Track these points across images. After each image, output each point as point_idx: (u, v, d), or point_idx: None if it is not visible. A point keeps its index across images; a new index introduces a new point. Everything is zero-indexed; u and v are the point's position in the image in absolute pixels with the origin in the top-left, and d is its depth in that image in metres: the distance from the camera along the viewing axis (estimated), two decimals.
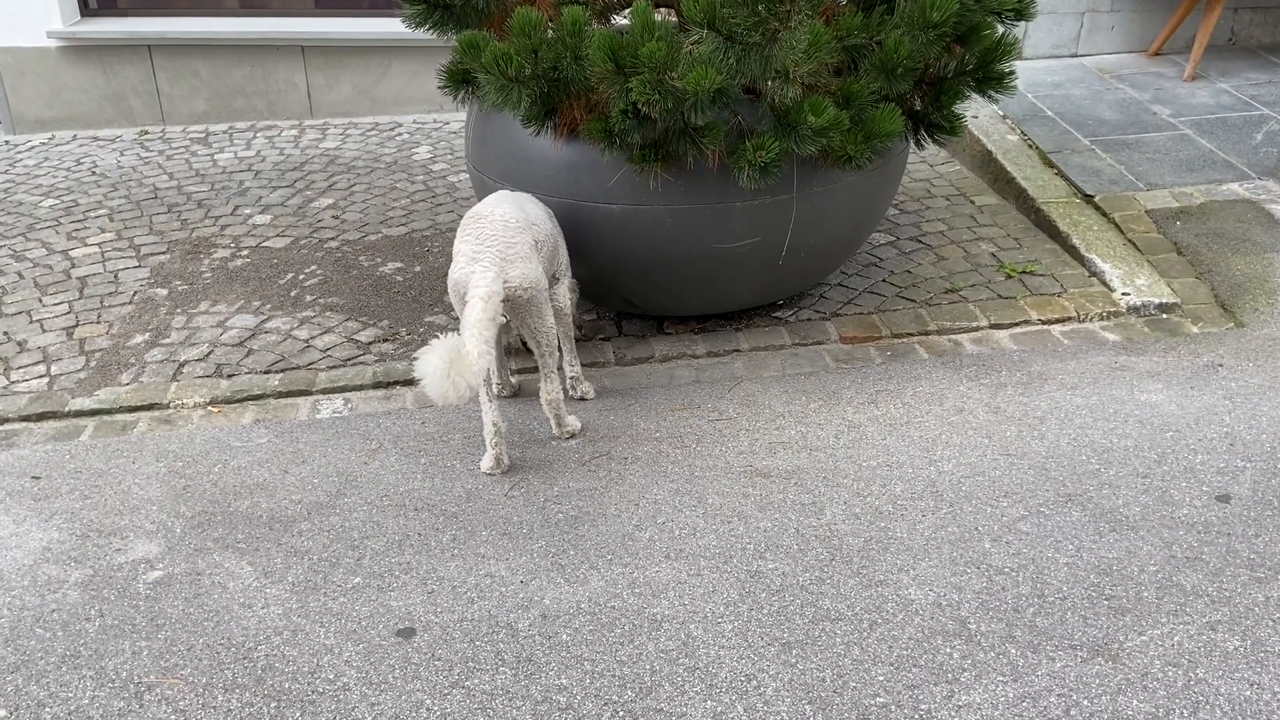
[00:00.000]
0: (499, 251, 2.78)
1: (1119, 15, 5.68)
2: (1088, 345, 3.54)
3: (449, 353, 2.53)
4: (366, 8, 6.04)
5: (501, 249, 2.79)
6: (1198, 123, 4.86)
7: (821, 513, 2.74)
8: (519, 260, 2.80)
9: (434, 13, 3.32)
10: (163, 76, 5.86)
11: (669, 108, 2.93)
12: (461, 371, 2.53)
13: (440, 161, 5.32)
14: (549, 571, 2.57)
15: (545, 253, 3.04)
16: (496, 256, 2.77)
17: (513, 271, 2.78)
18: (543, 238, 3.01)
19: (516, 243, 2.81)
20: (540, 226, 3.01)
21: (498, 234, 2.81)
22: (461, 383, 2.52)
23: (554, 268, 3.17)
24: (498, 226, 2.82)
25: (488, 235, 2.80)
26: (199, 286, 4.11)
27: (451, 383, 2.51)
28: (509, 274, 2.77)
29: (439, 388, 2.52)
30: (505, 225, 2.83)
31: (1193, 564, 2.49)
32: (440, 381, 2.51)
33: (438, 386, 2.52)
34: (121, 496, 2.92)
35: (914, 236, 4.30)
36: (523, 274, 2.80)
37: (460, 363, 2.53)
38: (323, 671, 2.29)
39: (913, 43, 3.07)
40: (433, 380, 2.52)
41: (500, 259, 2.77)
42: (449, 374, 2.51)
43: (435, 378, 2.51)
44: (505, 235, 2.81)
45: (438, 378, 2.51)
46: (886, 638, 2.32)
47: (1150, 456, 2.89)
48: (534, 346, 2.96)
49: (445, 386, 2.51)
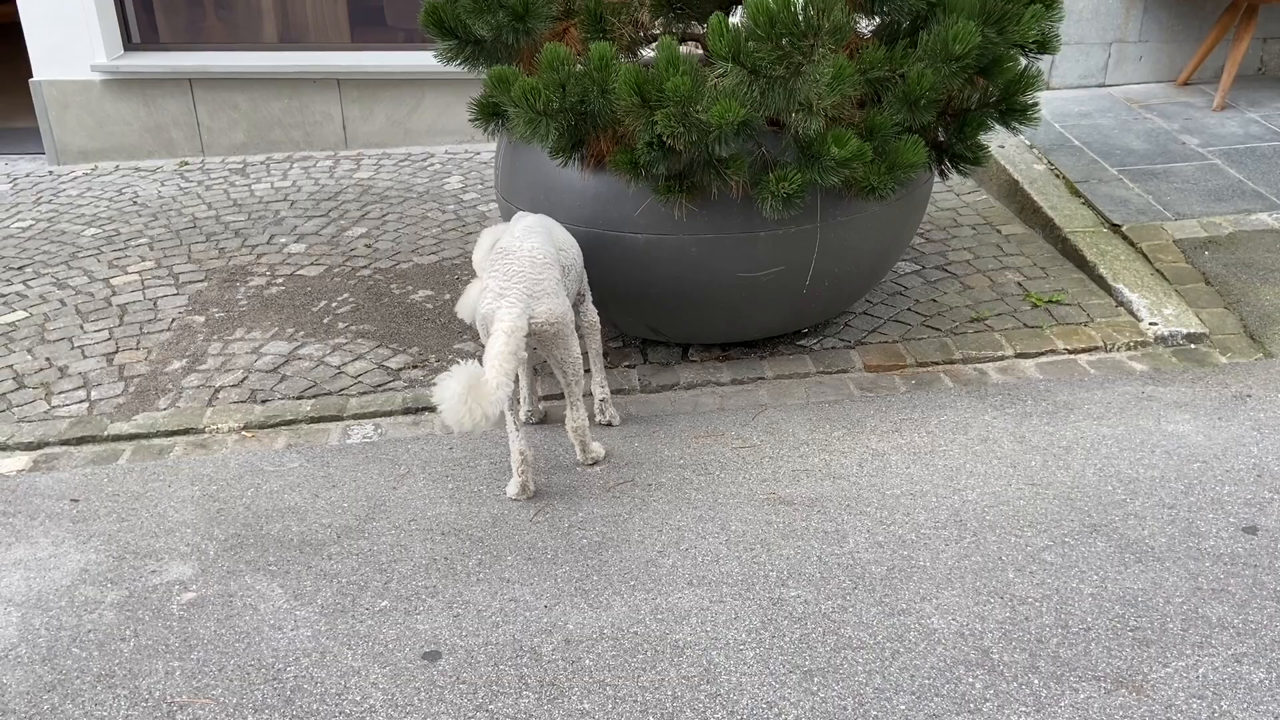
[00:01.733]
0: (525, 288, 2.82)
1: (1147, 45, 5.69)
2: (1115, 375, 3.54)
3: (468, 380, 2.56)
4: (400, 42, 6.18)
5: (528, 285, 2.82)
6: (1227, 152, 4.85)
7: (844, 541, 2.75)
8: (545, 296, 2.84)
9: (465, 48, 3.41)
10: (203, 109, 6.01)
11: (694, 140, 2.98)
12: (479, 400, 2.56)
13: (471, 191, 5.41)
14: (573, 597, 2.60)
15: (573, 276, 3.10)
16: (523, 293, 2.81)
17: (539, 307, 2.82)
18: (569, 262, 3.07)
19: (543, 279, 2.84)
20: (567, 251, 3.07)
21: (524, 270, 2.84)
22: (478, 411, 2.56)
23: (580, 287, 3.23)
24: (524, 263, 2.86)
25: (515, 271, 2.84)
26: (235, 314, 4.20)
27: (468, 410, 2.54)
28: (535, 310, 2.81)
29: (455, 414, 2.55)
30: (532, 262, 2.86)
31: (1219, 596, 2.47)
32: (457, 408, 2.55)
33: (454, 413, 2.55)
34: (157, 519, 2.99)
35: (939, 265, 4.32)
36: (549, 309, 2.84)
37: (478, 391, 2.57)
38: (350, 693, 2.33)
39: (935, 75, 3.11)
40: (450, 406, 2.55)
41: (527, 295, 2.80)
42: (466, 401, 2.54)
43: (452, 404, 2.55)
44: (532, 272, 2.84)
45: (455, 404, 2.55)
46: (908, 667, 2.32)
47: (1177, 487, 2.88)
48: (560, 376, 3.00)
49: (461, 413, 2.55)
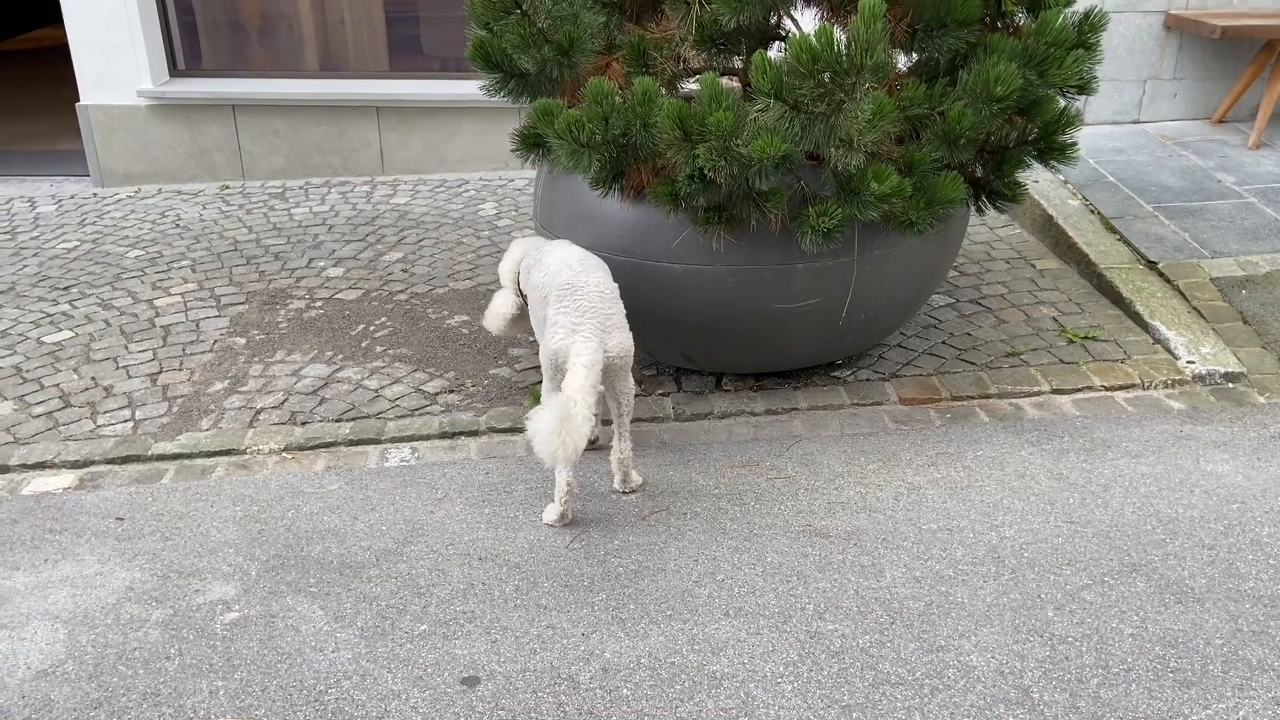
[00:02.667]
0: (598, 322, 2.87)
1: (1182, 83, 5.70)
2: (1152, 413, 3.52)
3: (560, 413, 2.62)
4: (437, 71, 6.29)
5: (600, 320, 2.87)
6: (1263, 191, 4.84)
7: (881, 575, 2.75)
8: (616, 330, 2.90)
9: (510, 81, 3.47)
10: (245, 134, 6.13)
11: (734, 173, 3.02)
12: (570, 432, 2.62)
13: (505, 218, 5.48)
14: (610, 625, 2.62)
15: None
16: (596, 327, 2.86)
17: (611, 341, 2.88)
18: None
19: (614, 313, 2.91)
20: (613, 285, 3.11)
21: (595, 305, 2.90)
22: (570, 443, 2.62)
23: None
24: (594, 298, 2.91)
25: (586, 306, 2.89)
26: (275, 336, 4.26)
27: (562, 442, 2.60)
28: (608, 344, 2.87)
29: (550, 446, 2.61)
30: (602, 296, 2.92)
31: (1259, 638, 2.46)
32: (551, 439, 2.60)
33: (548, 445, 2.61)
34: (200, 539, 3.03)
35: (974, 299, 4.33)
36: (620, 343, 2.90)
37: (569, 424, 2.63)
38: (390, 717, 2.35)
39: (975, 115, 3.13)
40: (543, 439, 2.61)
41: (600, 329, 2.86)
42: (560, 433, 2.60)
43: (546, 435, 2.61)
44: (603, 306, 2.90)
45: (548, 435, 2.60)
46: (948, 704, 2.32)
47: (1216, 528, 2.86)
48: (614, 406, 3.04)
49: (555, 445, 2.61)
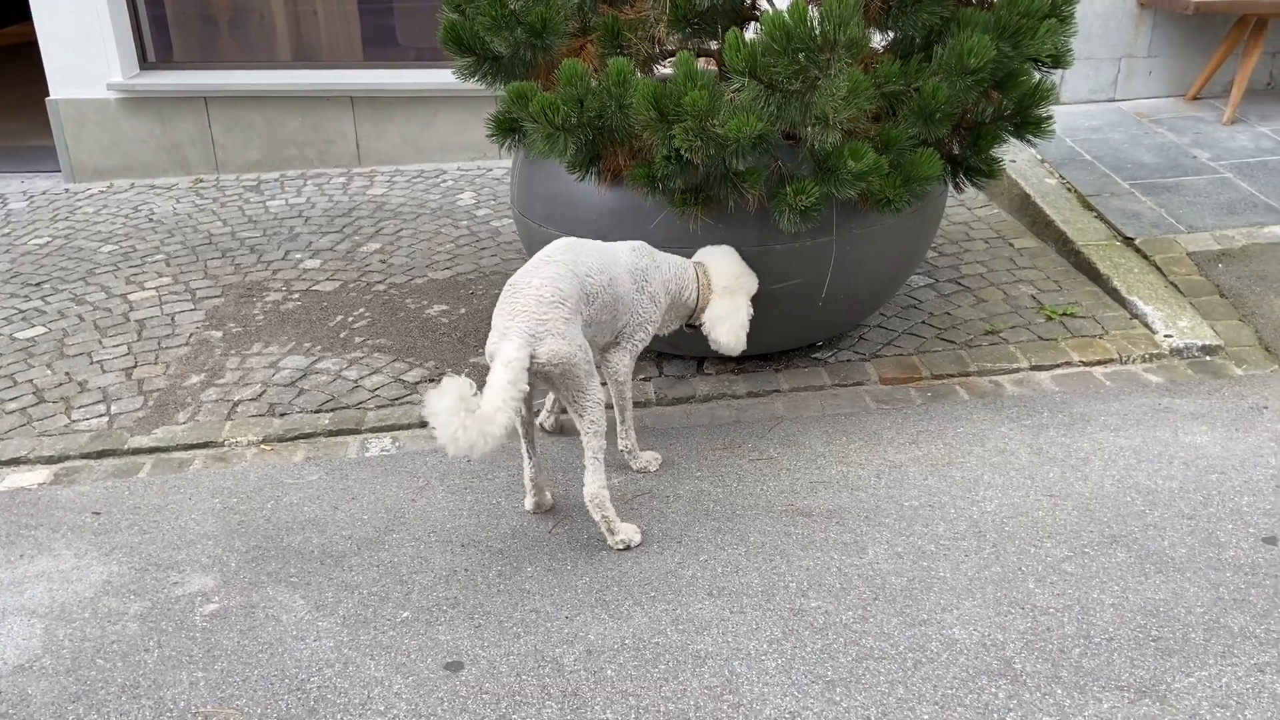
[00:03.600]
0: (527, 327, 2.65)
1: (1156, 60, 5.72)
2: (1130, 387, 3.54)
3: (456, 396, 2.40)
4: (413, 60, 6.24)
5: (530, 325, 2.65)
6: (1238, 166, 4.87)
7: (864, 552, 2.75)
8: (549, 336, 2.65)
9: (483, 65, 3.44)
10: (217, 127, 6.07)
11: (711, 154, 3.00)
12: (477, 424, 2.41)
13: (484, 207, 5.45)
14: (593, 608, 2.61)
15: (600, 304, 2.86)
16: (523, 331, 2.65)
17: (541, 347, 2.65)
18: (596, 289, 2.84)
19: (549, 318, 2.66)
20: (595, 277, 2.84)
21: (529, 309, 2.67)
22: (474, 433, 2.40)
23: (617, 326, 2.99)
24: (530, 300, 2.68)
25: (519, 309, 2.68)
26: (252, 329, 4.23)
27: (463, 428, 2.39)
28: (537, 350, 2.64)
29: (448, 431, 2.39)
30: (538, 300, 2.68)
31: (1240, 606, 2.47)
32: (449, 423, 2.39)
33: (446, 429, 2.39)
34: (178, 531, 3.00)
35: (953, 279, 4.33)
36: (551, 350, 2.65)
37: (476, 415, 2.42)
38: (373, 704, 2.34)
39: (950, 89, 3.13)
40: (441, 424, 2.39)
41: (528, 334, 2.64)
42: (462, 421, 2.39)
43: (443, 420, 2.39)
44: (537, 310, 2.66)
45: (446, 419, 2.39)
46: (931, 677, 2.32)
47: (1196, 498, 2.88)
48: (576, 421, 2.80)
49: (456, 431, 2.39)
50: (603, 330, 2.95)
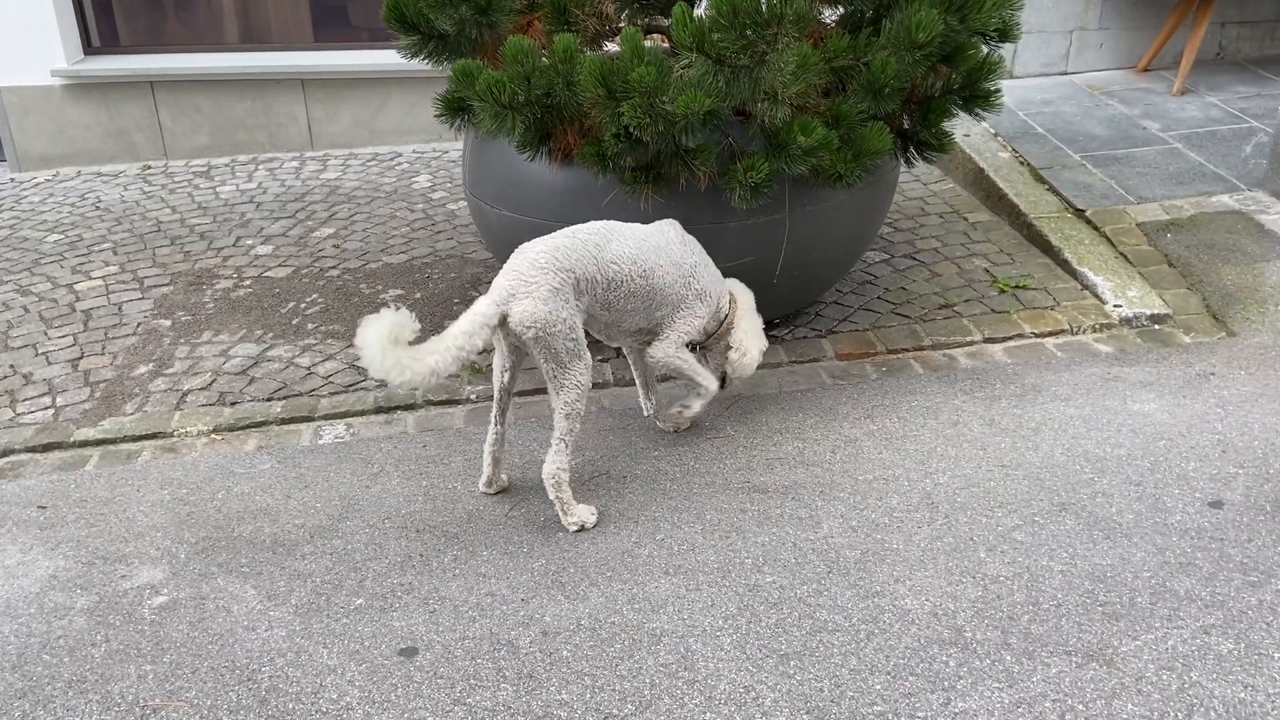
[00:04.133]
0: (508, 285, 2.69)
1: (1107, 33, 5.76)
2: (1081, 357, 3.58)
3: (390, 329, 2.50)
4: (365, 41, 6.15)
5: (512, 284, 2.68)
6: (1187, 136, 4.92)
7: (818, 526, 2.76)
8: (527, 298, 2.66)
9: (428, 43, 3.39)
10: (165, 112, 5.95)
11: (660, 131, 2.98)
12: (405, 357, 2.51)
13: (439, 190, 5.39)
14: (549, 589, 2.60)
15: (620, 294, 2.85)
16: (503, 289, 2.69)
17: (515, 307, 2.66)
18: (620, 278, 2.82)
19: (534, 281, 2.67)
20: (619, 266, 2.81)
21: (519, 269, 2.70)
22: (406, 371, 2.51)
23: (654, 317, 2.99)
24: (523, 263, 2.72)
25: (510, 269, 2.73)
26: (202, 317, 4.16)
27: (395, 364, 2.50)
28: (510, 309, 2.66)
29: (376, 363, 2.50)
30: (532, 263, 2.70)
31: (1186, 569, 2.51)
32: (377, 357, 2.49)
33: (375, 362, 2.50)
34: (126, 524, 2.96)
35: (908, 254, 4.35)
36: (524, 311, 2.65)
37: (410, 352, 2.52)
38: (326, 692, 2.32)
39: (899, 63, 3.13)
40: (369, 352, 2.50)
41: (506, 293, 2.68)
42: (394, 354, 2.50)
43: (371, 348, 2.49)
44: (525, 272, 2.69)
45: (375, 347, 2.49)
46: (883, 647, 2.34)
47: (1143, 465, 2.91)
48: (551, 398, 2.78)
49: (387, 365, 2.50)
50: (629, 319, 2.93)
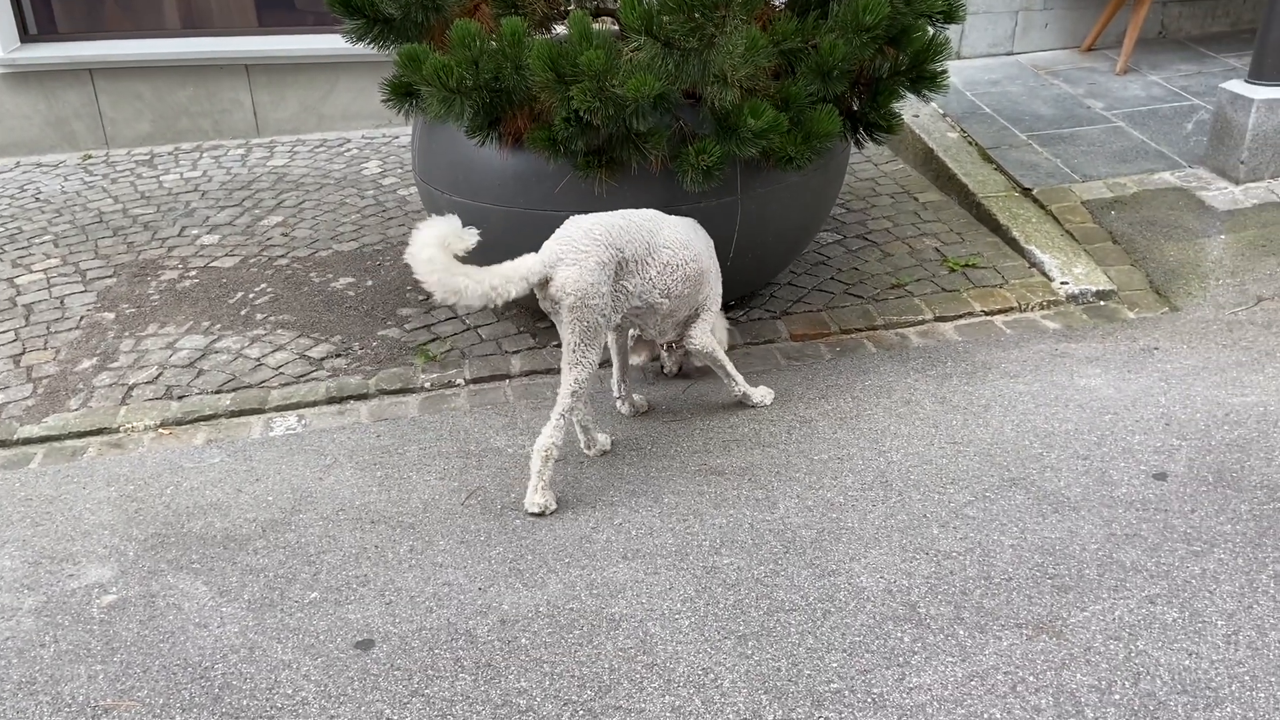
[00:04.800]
0: (558, 248, 2.74)
1: (1052, 13, 5.82)
2: (1029, 334, 3.63)
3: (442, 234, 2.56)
4: (311, 25, 6.03)
5: (562, 249, 2.73)
6: (1130, 115, 5.00)
7: (775, 507, 2.78)
8: (575, 266, 2.71)
9: (374, 27, 3.34)
10: (105, 100, 5.80)
11: (611, 114, 2.97)
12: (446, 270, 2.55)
13: (390, 176, 5.32)
14: (507, 577, 2.59)
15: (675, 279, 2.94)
16: (553, 251, 2.74)
17: (560, 272, 2.71)
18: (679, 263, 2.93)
19: (585, 250, 2.73)
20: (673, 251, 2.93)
21: (570, 236, 2.76)
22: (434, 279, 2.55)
23: (698, 299, 3.09)
24: (576, 231, 2.77)
25: (562, 235, 2.78)
26: (147, 309, 4.07)
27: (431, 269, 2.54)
28: (556, 273, 2.72)
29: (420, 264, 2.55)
30: (585, 233, 2.76)
31: (1132, 541, 2.57)
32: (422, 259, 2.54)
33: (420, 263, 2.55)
34: (73, 522, 2.90)
35: (860, 234, 4.38)
36: (568, 276, 2.70)
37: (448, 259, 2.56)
38: (281, 687, 2.29)
39: (847, 45, 3.14)
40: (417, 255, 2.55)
41: (555, 256, 2.73)
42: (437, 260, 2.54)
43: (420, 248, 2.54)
44: (577, 239, 2.75)
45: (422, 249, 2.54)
46: (839, 625, 2.36)
47: (1090, 439, 2.97)
48: (564, 371, 2.81)
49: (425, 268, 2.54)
50: (685, 305, 3.04)
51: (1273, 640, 2.24)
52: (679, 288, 2.97)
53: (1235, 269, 3.87)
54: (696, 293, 3.06)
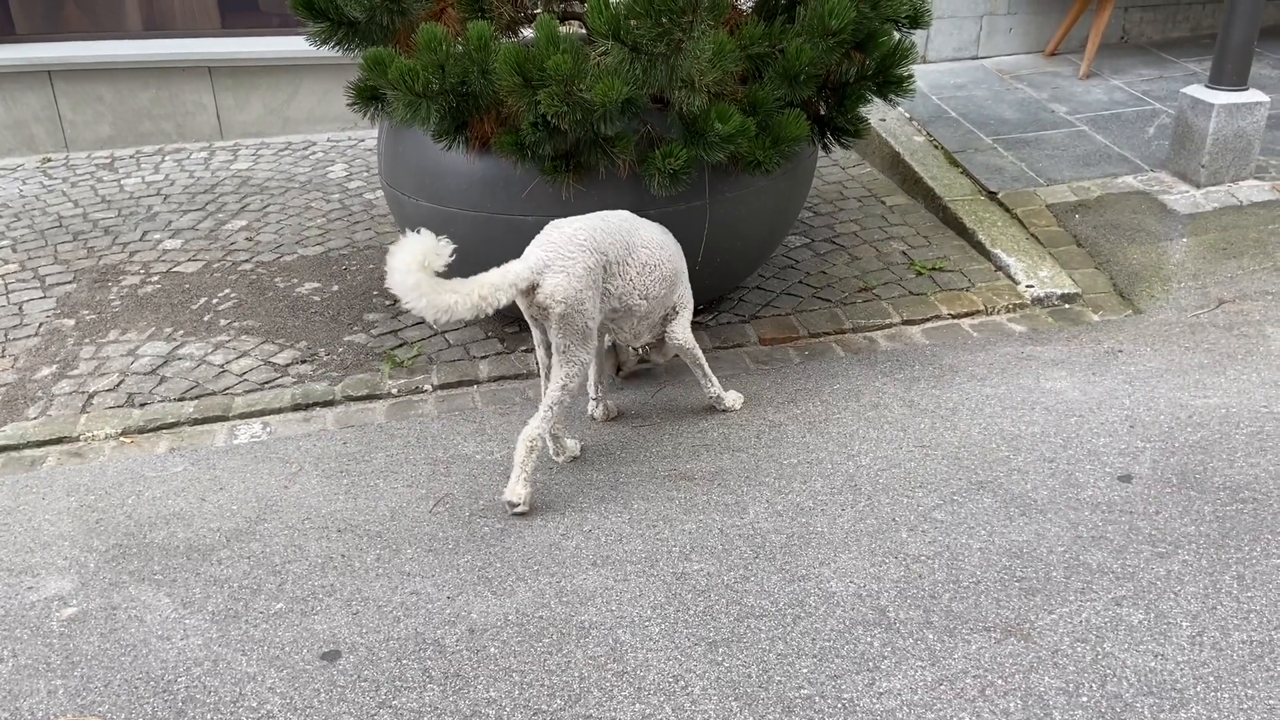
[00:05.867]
0: (544, 255, 2.73)
1: (1016, 18, 5.89)
2: (996, 337, 3.66)
3: (421, 253, 2.49)
4: (275, 26, 5.97)
5: (548, 255, 2.73)
6: (1093, 119, 5.06)
7: (744, 512, 2.78)
8: (563, 273, 2.71)
9: (338, 30, 3.31)
10: (65, 102, 5.70)
11: (578, 119, 2.95)
12: (432, 290, 2.50)
13: (356, 179, 5.27)
14: (476, 586, 2.57)
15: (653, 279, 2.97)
16: (539, 258, 2.72)
17: (548, 280, 2.70)
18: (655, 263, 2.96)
19: (571, 257, 2.73)
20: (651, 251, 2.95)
21: (555, 242, 2.76)
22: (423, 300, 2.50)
23: (673, 299, 3.11)
24: (560, 237, 2.77)
25: (546, 240, 2.77)
26: (107, 315, 4.01)
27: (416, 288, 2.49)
28: (543, 280, 2.71)
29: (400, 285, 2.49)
30: (570, 239, 2.76)
31: (1098, 543, 2.59)
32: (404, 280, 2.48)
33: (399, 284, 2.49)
34: (31, 533, 2.84)
35: (828, 238, 4.40)
36: (557, 284, 2.70)
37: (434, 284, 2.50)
38: (245, 700, 2.26)
39: (814, 50, 3.15)
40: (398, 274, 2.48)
41: (542, 263, 2.72)
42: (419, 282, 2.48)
43: (400, 269, 2.48)
44: (562, 246, 2.75)
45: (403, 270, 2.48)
46: (809, 631, 2.36)
47: (1056, 441, 3.00)
48: (554, 369, 2.83)
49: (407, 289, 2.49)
50: (661, 305, 3.05)
51: (1236, 641, 2.27)
52: (656, 289, 2.98)
53: (1197, 272, 3.93)
54: (670, 293, 3.07)
